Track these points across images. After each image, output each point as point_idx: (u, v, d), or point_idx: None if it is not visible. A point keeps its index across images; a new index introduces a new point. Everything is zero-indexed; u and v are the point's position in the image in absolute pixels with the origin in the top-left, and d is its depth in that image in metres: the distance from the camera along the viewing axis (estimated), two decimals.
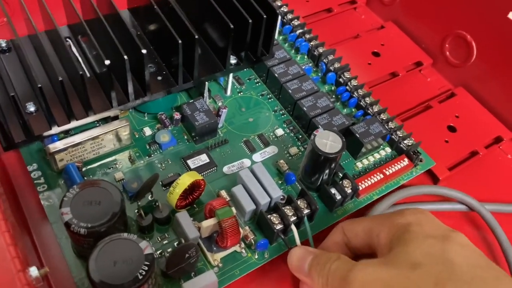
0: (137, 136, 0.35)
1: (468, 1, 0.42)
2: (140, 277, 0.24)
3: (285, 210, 0.31)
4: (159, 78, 0.34)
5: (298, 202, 0.31)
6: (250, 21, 0.33)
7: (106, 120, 0.33)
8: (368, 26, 0.49)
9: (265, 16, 0.33)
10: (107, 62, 0.28)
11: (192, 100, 0.35)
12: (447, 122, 0.41)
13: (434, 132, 0.40)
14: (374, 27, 0.49)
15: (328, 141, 0.31)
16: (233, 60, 0.36)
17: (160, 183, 0.33)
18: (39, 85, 0.27)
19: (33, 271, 0.22)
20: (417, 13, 0.47)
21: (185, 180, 0.30)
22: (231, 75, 0.37)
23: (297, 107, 0.37)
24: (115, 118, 0.33)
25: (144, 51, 0.29)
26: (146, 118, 0.36)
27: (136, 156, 0.34)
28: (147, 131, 0.35)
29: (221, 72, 0.35)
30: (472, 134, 0.41)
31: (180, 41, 0.30)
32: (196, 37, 0.31)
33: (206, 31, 0.35)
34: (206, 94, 0.36)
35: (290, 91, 0.37)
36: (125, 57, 0.29)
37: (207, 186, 0.32)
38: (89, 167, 0.33)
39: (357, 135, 0.35)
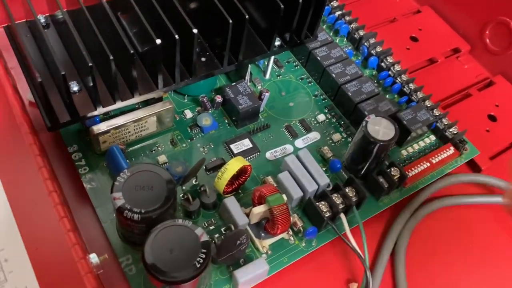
0: (177, 119, 0.34)
1: None
2: (198, 265, 0.24)
3: (334, 198, 0.30)
4: (203, 59, 0.33)
5: (346, 190, 0.30)
6: (301, 1, 0.31)
7: (147, 102, 0.32)
8: (404, 10, 0.47)
9: None
10: (158, 41, 0.27)
11: (234, 83, 0.34)
12: (488, 111, 0.41)
13: (474, 121, 0.39)
14: (410, 10, 0.47)
15: (380, 128, 0.30)
16: (277, 42, 0.34)
17: (204, 167, 0.32)
18: (90, 64, 0.26)
19: (93, 258, 0.22)
20: None
21: (233, 166, 0.29)
22: (272, 57, 0.36)
23: (341, 92, 0.36)
24: (159, 99, 0.32)
25: (195, 30, 0.28)
26: (186, 100, 0.35)
27: (178, 139, 0.33)
28: (188, 114, 0.34)
29: (264, 54, 0.34)
30: None
31: (230, 21, 0.29)
32: (247, 17, 0.30)
33: (250, 11, 0.34)
34: (247, 77, 0.35)
35: (333, 75, 0.36)
36: (177, 36, 0.27)
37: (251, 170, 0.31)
38: (131, 149, 0.32)
39: (404, 122, 0.34)
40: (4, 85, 0.30)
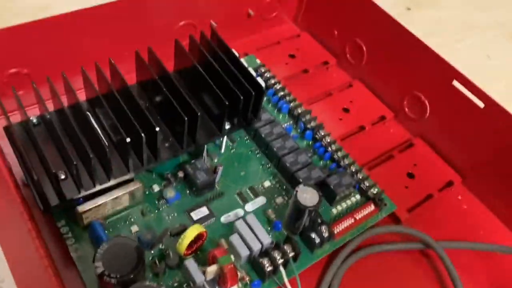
0: (147, 193, 0.41)
1: (421, 68, 0.50)
2: None
3: (274, 254, 0.37)
4: (167, 144, 0.40)
5: (285, 247, 0.38)
6: (242, 98, 0.40)
7: (120, 182, 0.39)
8: (339, 83, 0.56)
9: (253, 93, 0.40)
10: (128, 139, 0.35)
11: (193, 161, 0.42)
12: (407, 170, 0.49)
13: (395, 179, 0.48)
14: (344, 84, 0.57)
15: (308, 195, 0.38)
16: (227, 126, 0.42)
17: (169, 233, 0.39)
18: (75, 163, 0.33)
19: None
20: (380, 74, 0.55)
21: (191, 233, 0.36)
22: (225, 136, 0.44)
23: (281, 163, 0.44)
24: (131, 180, 0.39)
25: (157, 129, 0.36)
26: (154, 176, 0.42)
27: (148, 211, 0.40)
28: (156, 188, 0.42)
29: (217, 136, 0.42)
30: (428, 180, 0.48)
31: (186, 118, 0.37)
32: (199, 114, 0.38)
33: (205, 103, 0.42)
34: (204, 154, 0.43)
35: (275, 149, 0.44)
36: (143, 135, 0.35)
37: (208, 234, 0.39)
38: (108, 221, 0.39)
39: (331, 186, 0.42)
40: (2, 169, 0.38)
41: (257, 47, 0.58)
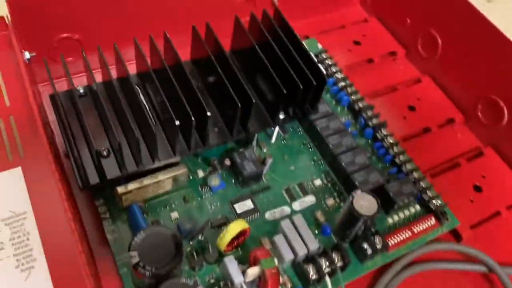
0: (191, 178, 0.39)
1: (502, 69, 0.44)
2: None
3: (321, 262, 0.34)
4: (216, 129, 0.37)
5: (333, 255, 0.35)
6: (301, 87, 0.36)
7: (165, 165, 0.37)
8: (406, 78, 0.52)
9: (315, 83, 0.36)
10: (177, 122, 0.32)
11: (242, 149, 0.39)
12: (474, 182, 0.44)
13: (460, 190, 0.43)
14: (411, 79, 0.52)
15: (365, 203, 0.34)
16: (281, 116, 0.39)
17: (210, 224, 0.36)
18: (119, 141, 0.31)
19: None
20: (454, 71, 0.49)
21: (233, 229, 0.34)
22: (277, 126, 0.41)
23: (336, 162, 0.40)
24: (175, 163, 0.36)
25: (209, 113, 0.33)
26: (199, 160, 0.40)
27: (190, 197, 0.38)
28: (200, 173, 0.39)
29: (270, 125, 0.39)
30: (496, 195, 0.43)
31: (239, 105, 0.34)
32: (254, 101, 0.34)
33: (259, 89, 0.39)
34: (254, 144, 0.40)
35: (330, 145, 0.40)
36: (193, 118, 0.32)
37: (251, 230, 0.36)
38: (148, 204, 0.37)
39: (390, 193, 0.38)
40: (43, 138, 0.36)
41: (319, 30, 0.54)
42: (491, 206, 0.43)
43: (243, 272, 0.33)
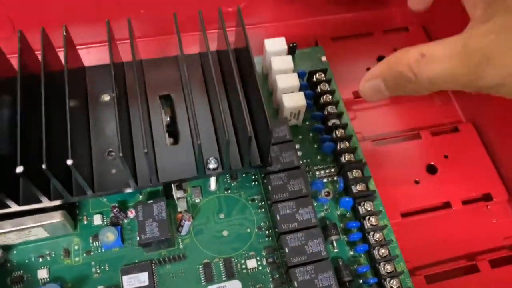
0: (85, 223, 0.29)
1: None
2: None
3: None
4: (113, 171, 0.27)
5: None
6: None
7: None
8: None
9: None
10: (20, 169, 0.23)
11: (151, 201, 0.28)
12: None
13: None
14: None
15: None
16: (211, 165, 0.28)
17: None
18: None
19: None
20: None
21: None
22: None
23: (280, 241, 0.28)
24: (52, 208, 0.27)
25: (69, 162, 0.23)
26: (105, 200, 0.30)
27: (74, 250, 0.29)
28: (97, 220, 0.29)
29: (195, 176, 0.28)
30: None
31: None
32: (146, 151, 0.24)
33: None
34: (175, 193, 0.29)
35: (277, 217, 0.28)
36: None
37: None
38: (16, 249, 0.28)
39: None
40: None
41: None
42: None
43: None
